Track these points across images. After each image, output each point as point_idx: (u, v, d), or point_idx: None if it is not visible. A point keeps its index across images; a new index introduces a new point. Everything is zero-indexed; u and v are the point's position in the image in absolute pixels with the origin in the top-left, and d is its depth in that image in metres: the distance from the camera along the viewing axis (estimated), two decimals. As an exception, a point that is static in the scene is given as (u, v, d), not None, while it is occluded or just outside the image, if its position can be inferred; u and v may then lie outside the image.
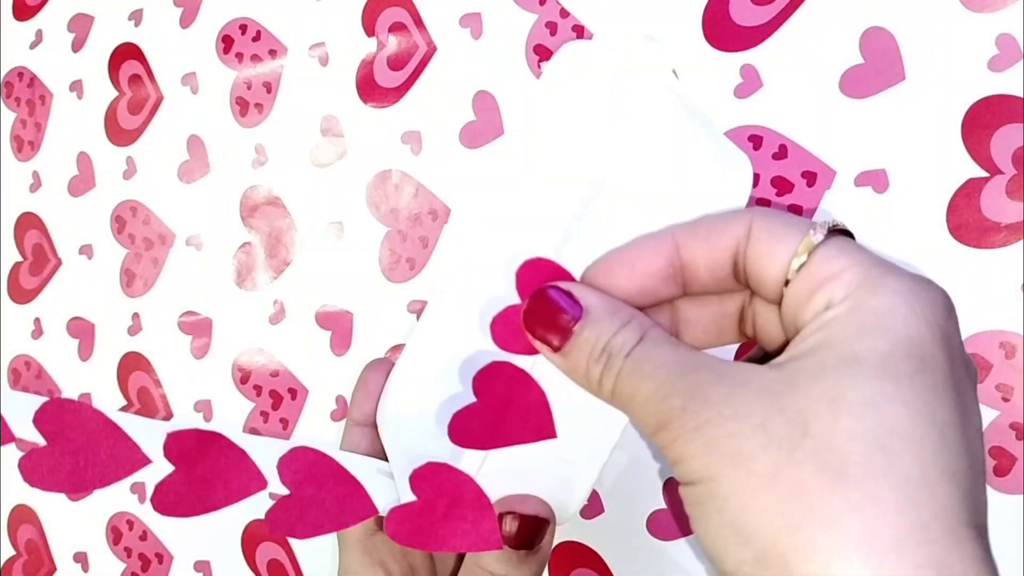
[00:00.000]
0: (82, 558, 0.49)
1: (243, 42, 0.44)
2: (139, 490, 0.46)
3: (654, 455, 0.35)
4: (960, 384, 0.20)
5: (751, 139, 0.33)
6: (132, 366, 0.47)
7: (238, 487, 0.23)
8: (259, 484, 0.24)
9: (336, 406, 0.41)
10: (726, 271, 0.24)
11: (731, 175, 0.28)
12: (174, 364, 0.46)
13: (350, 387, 0.34)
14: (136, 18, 0.47)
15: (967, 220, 0.30)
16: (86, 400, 0.49)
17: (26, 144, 0.51)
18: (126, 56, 0.47)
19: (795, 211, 0.32)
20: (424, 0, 0.39)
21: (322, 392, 0.42)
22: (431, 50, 0.39)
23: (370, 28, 0.40)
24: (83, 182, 0.49)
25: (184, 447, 0.23)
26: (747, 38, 0.33)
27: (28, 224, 0.51)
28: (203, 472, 0.23)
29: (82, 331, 0.49)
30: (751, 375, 0.21)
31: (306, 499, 0.24)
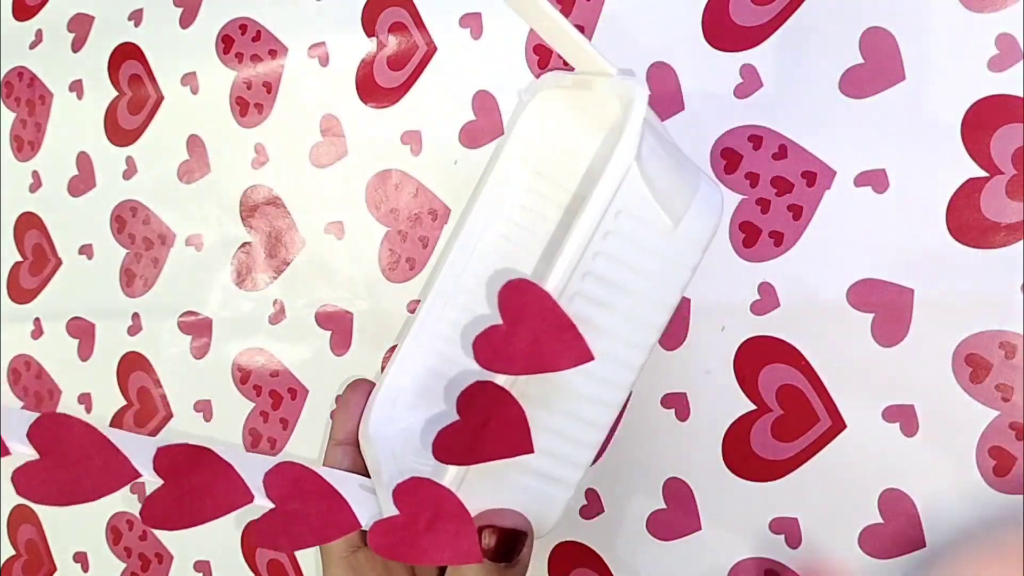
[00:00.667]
0: (82, 558, 0.49)
1: (243, 42, 0.44)
2: (139, 490, 0.46)
3: (654, 455, 0.35)
4: None
5: (751, 139, 0.33)
6: (132, 366, 0.47)
7: (225, 501, 0.24)
8: (246, 498, 0.24)
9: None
10: None
11: (699, 206, 0.29)
12: (174, 364, 0.46)
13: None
14: (136, 18, 0.47)
15: (967, 220, 0.30)
16: (86, 400, 0.49)
17: (26, 144, 0.51)
18: (126, 56, 0.47)
19: (795, 211, 0.32)
20: (424, 0, 0.39)
21: (322, 392, 0.42)
22: (431, 50, 0.39)
23: (370, 28, 0.40)
24: (83, 182, 0.49)
25: (173, 461, 0.24)
26: (747, 38, 0.33)
27: (28, 224, 0.51)
28: (192, 486, 0.24)
29: (82, 331, 0.49)
30: None
31: (291, 513, 0.25)
